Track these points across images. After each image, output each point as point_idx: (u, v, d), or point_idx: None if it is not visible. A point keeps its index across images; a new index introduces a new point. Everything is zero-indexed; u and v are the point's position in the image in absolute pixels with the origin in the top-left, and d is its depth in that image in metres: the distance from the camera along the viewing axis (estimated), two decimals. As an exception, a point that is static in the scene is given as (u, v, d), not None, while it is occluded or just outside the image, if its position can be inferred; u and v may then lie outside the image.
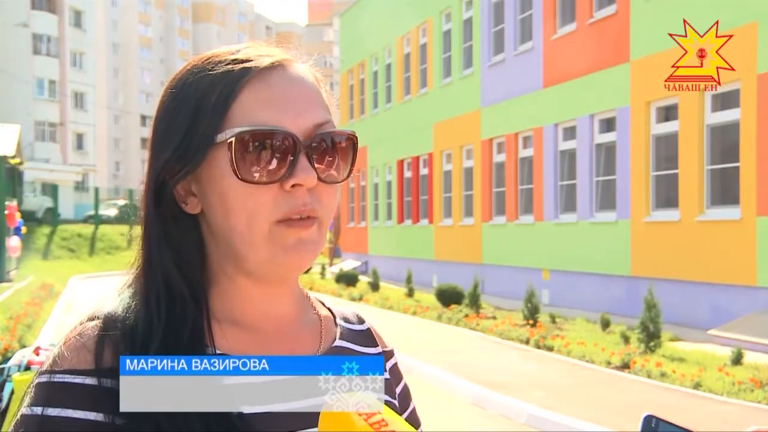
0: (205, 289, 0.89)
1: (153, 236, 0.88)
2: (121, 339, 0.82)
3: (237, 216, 0.85)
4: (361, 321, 1.06)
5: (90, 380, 0.79)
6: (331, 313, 1.03)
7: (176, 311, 0.85)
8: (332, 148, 0.88)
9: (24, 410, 0.79)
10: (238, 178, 0.83)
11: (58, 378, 0.79)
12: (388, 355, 1.06)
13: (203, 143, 0.85)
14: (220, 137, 0.84)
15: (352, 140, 0.90)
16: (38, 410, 0.78)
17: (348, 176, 0.91)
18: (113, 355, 0.81)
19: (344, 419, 0.75)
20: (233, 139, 0.83)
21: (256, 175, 0.84)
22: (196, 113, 0.86)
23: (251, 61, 0.87)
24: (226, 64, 0.87)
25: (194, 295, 0.87)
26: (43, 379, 0.80)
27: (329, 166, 0.88)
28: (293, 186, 0.84)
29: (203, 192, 0.87)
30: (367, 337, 1.04)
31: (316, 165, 0.86)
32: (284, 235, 0.85)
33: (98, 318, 0.85)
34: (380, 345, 1.05)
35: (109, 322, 0.84)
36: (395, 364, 1.06)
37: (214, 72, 0.87)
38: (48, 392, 0.79)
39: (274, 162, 0.84)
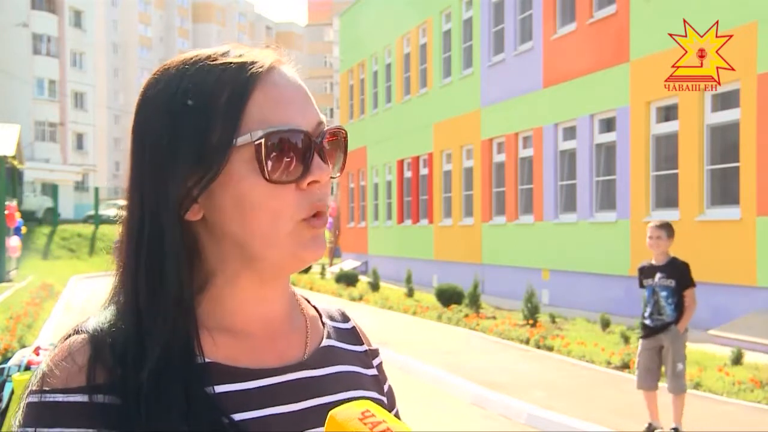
0: (193, 296, 0.88)
1: (157, 250, 0.85)
2: (110, 355, 0.81)
3: (259, 217, 0.84)
4: (346, 319, 1.07)
5: (81, 397, 0.78)
6: (317, 311, 1.03)
7: (166, 323, 0.83)
8: (331, 145, 0.90)
9: (18, 431, 0.79)
10: (266, 179, 0.83)
11: (49, 397, 0.79)
12: (375, 353, 1.06)
13: (221, 148, 0.83)
14: (242, 140, 0.83)
15: (344, 136, 0.92)
16: (31, 431, 0.77)
17: (341, 171, 0.93)
18: (104, 370, 0.80)
19: (350, 427, 0.75)
20: (262, 140, 0.83)
21: (281, 175, 0.84)
22: (206, 117, 0.83)
23: (255, 62, 0.86)
24: (228, 66, 0.85)
25: (185, 305, 0.85)
26: (34, 399, 0.79)
27: (331, 162, 0.90)
28: (310, 183, 0.85)
29: (210, 197, 0.85)
30: (353, 335, 1.05)
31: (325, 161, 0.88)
32: (304, 232, 0.86)
33: (85, 332, 0.84)
34: (365, 343, 1.06)
35: (98, 336, 0.83)
36: (381, 363, 1.06)
37: (215, 73, 0.85)
38: (40, 412, 0.78)
39: (294, 161, 0.84)
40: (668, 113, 12.88)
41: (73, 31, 50.28)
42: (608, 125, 14.40)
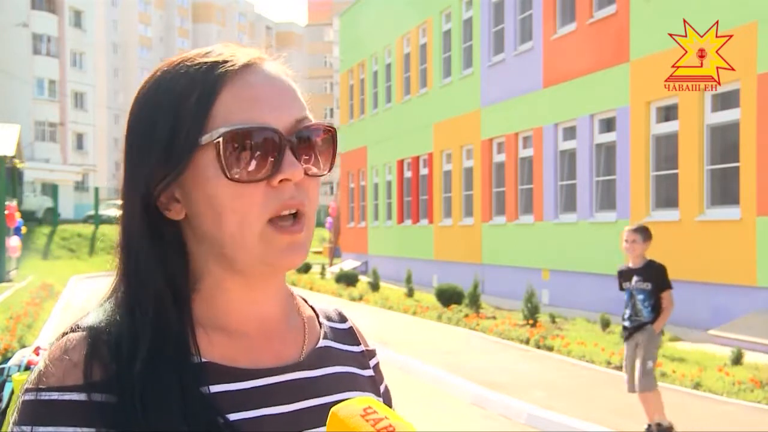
0: (188, 295, 0.88)
1: (137, 247, 0.87)
2: (106, 352, 0.81)
3: (228, 218, 0.84)
4: (343, 319, 1.06)
5: (78, 395, 0.78)
6: (314, 311, 1.03)
7: (161, 322, 0.84)
8: (314, 142, 0.88)
9: (14, 429, 0.78)
10: (228, 178, 0.82)
11: (46, 395, 0.78)
12: (371, 353, 1.06)
13: (187, 147, 0.83)
14: (205, 139, 0.83)
15: (331, 133, 0.90)
16: (27, 429, 0.77)
17: (330, 169, 0.91)
18: (100, 368, 0.80)
19: (352, 424, 0.75)
20: (220, 139, 0.82)
21: (245, 173, 0.83)
22: (176, 117, 0.84)
23: (227, 61, 0.86)
24: (201, 66, 0.86)
25: (179, 304, 0.86)
26: (30, 396, 0.78)
27: (312, 160, 0.88)
28: (281, 181, 0.84)
29: (188, 197, 0.86)
30: (350, 336, 1.04)
31: (300, 159, 0.86)
32: (276, 238, 0.84)
33: (81, 330, 0.83)
34: (362, 343, 1.05)
35: (95, 335, 0.82)
36: (377, 364, 1.06)
37: (189, 74, 0.86)
38: (36, 410, 0.77)
39: (261, 159, 0.83)
40: (668, 113, 12.87)
41: (73, 31, 50.28)
42: (608, 125, 14.40)
